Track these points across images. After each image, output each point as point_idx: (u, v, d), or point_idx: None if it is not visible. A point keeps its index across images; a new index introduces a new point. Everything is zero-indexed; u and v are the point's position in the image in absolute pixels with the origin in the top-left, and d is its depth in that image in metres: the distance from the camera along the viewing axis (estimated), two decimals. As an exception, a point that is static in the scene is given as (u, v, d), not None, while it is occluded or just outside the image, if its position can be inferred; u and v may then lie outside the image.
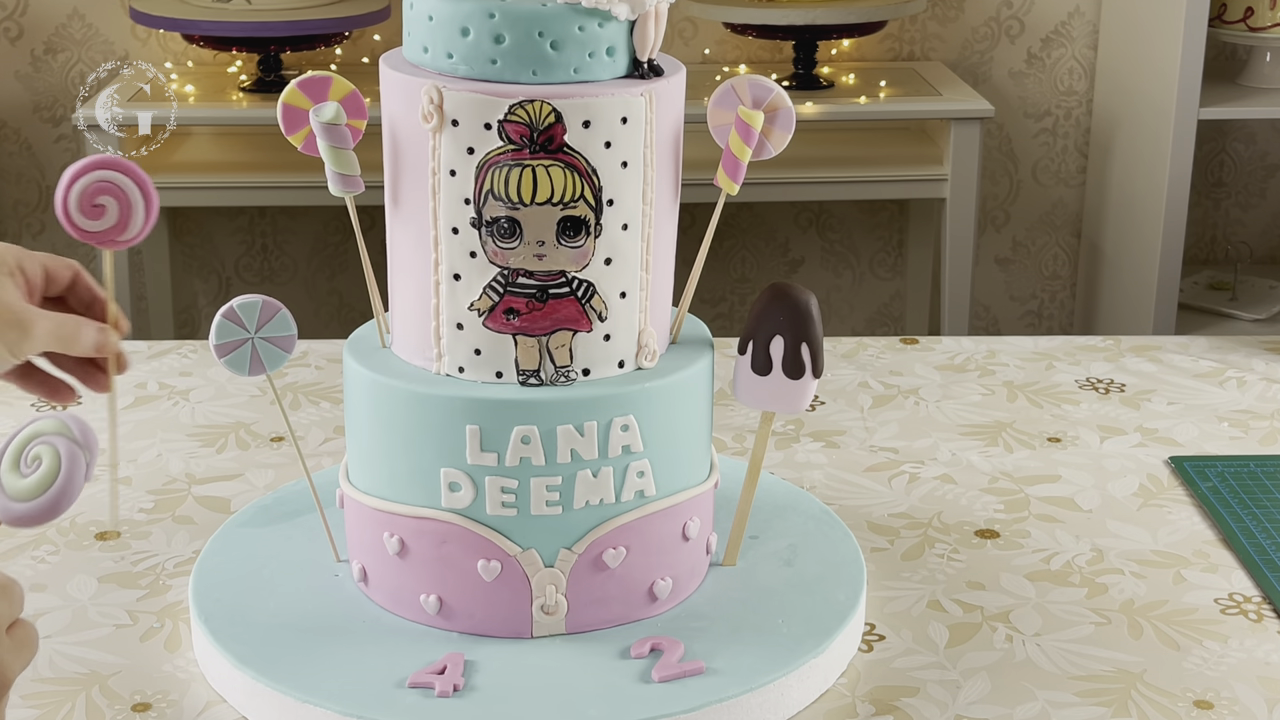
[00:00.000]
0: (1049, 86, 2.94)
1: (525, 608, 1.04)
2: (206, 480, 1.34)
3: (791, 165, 2.48)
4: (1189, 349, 1.64)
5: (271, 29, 2.53)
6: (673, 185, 1.05)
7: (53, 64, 2.83)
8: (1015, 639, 1.10)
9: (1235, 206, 3.06)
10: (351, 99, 1.04)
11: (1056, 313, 3.10)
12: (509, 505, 1.01)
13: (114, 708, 1.02)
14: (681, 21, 2.85)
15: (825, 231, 3.01)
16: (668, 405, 1.04)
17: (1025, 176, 3.00)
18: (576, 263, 1.00)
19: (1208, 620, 1.13)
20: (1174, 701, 1.03)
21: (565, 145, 0.97)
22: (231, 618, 1.05)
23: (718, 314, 3.04)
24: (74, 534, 1.24)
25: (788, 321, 1.05)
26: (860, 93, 2.65)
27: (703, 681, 0.99)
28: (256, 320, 1.05)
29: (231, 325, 1.04)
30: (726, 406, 1.47)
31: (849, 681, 1.05)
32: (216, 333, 1.04)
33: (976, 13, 2.90)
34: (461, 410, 1.00)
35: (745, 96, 1.04)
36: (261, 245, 2.98)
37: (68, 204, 0.93)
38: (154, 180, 0.98)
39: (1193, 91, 2.53)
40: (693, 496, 1.07)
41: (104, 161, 0.93)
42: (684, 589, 1.09)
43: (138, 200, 0.95)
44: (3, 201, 2.90)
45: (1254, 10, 2.63)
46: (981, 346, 1.64)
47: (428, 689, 0.98)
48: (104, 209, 0.94)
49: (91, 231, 0.94)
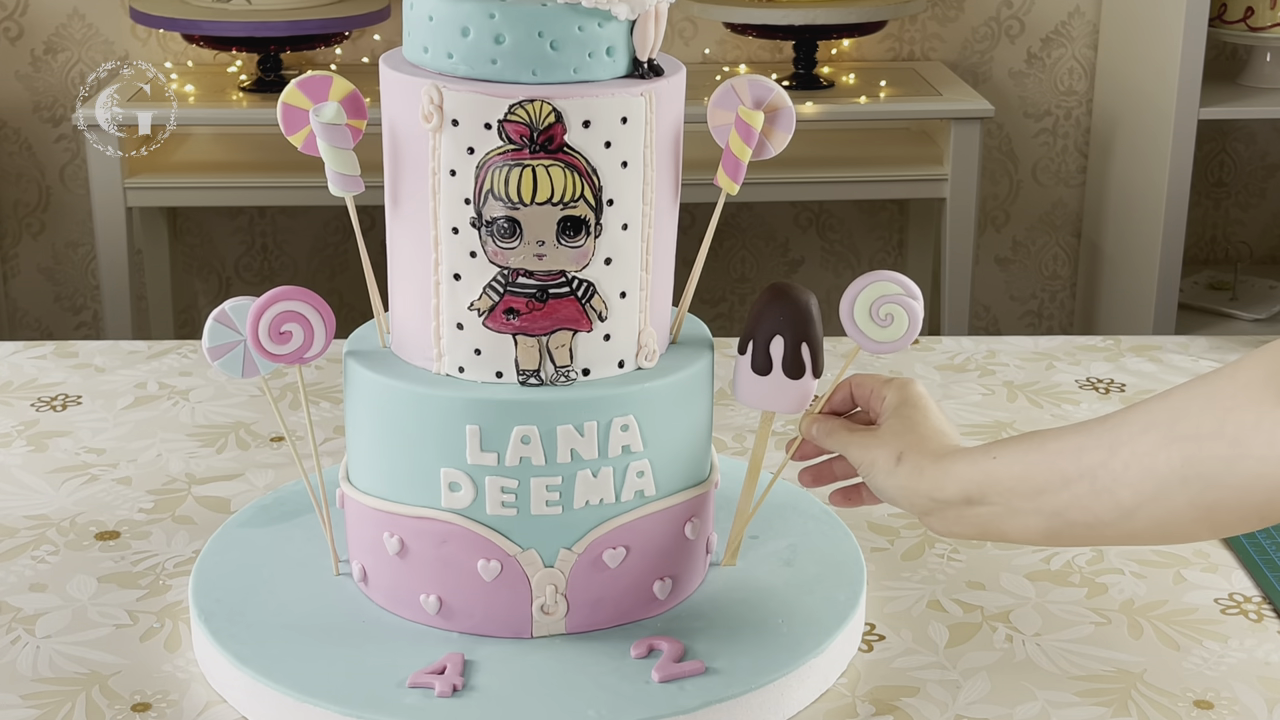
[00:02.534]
0: (1049, 86, 2.95)
1: (525, 608, 1.04)
2: (206, 480, 1.34)
3: (791, 165, 2.48)
4: (1189, 349, 1.64)
5: (271, 29, 2.53)
6: (673, 185, 1.05)
7: (53, 64, 2.83)
8: (1015, 639, 1.10)
9: (1235, 206, 3.06)
10: (351, 99, 1.04)
11: (1056, 313, 3.10)
12: (509, 505, 1.01)
13: (114, 708, 1.02)
14: (681, 21, 2.85)
15: (825, 231, 3.01)
16: (668, 405, 1.04)
17: (1025, 176, 3.00)
18: (576, 263, 1.00)
19: (1208, 620, 1.13)
20: (1174, 701, 1.03)
21: (565, 145, 0.97)
22: (231, 618, 1.05)
23: (718, 314, 3.04)
24: (74, 534, 1.24)
25: (788, 321, 1.05)
26: (860, 93, 2.65)
27: (702, 681, 0.99)
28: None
29: (224, 328, 1.05)
30: (726, 406, 1.47)
31: (849, 681, 1.05)
32: (209, 335, 1.04)
33: (976, 13, 2.90)
34: (461, 410, 1.00)
35: (745, 96, 1.04)
36: (261, 245, 2.98)
37: (258, 333, 1.03)
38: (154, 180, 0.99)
39: (1193, 91, 2.53)
40: (693, 496, 1.07)
41: (285, 294, 1.04)
42: (684, 589, 1.09)
43: (318, 323, 1.05)
44: (3, 202, 2.90)
45: (1254, 10, 2.63)
46: (981, 346, 1.64)
47: (427, 689, 0.98)
48: (290, 335, 1.04)
49: (281, 355, 1.05)
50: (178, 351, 1.61)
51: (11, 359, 1.59)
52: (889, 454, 1.01)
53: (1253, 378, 0.82)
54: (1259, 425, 0.80)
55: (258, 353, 1.05)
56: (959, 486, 0.96)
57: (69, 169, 2.89)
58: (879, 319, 1.04)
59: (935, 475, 0.98)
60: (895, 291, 1.04)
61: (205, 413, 1.47)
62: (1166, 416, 0.86)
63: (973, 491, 0.96)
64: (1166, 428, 0.85)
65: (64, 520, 1.26)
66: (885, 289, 1.04)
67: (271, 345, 1.04)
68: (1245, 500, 0.82)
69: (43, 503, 1.29)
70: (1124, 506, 0.88)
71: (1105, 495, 0.88)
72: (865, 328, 1.05)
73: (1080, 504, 0.90)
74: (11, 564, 1.19)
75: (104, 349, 1.61)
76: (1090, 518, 0.90)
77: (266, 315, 1.04)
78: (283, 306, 1.04)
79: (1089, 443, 0.89)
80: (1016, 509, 0.94)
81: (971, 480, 0.95)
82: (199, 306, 2.99)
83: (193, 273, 2.98)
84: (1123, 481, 0.87)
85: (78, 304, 2.98)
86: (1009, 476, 0.94)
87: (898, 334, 1.05)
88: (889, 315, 1.04)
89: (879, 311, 1.04)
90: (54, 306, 2.98)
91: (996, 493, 0.94)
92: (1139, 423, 0.87)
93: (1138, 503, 0.87)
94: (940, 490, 0.97)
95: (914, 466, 0.99)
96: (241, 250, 2.98)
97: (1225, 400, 0.82)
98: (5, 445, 1.40)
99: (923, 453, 1.00)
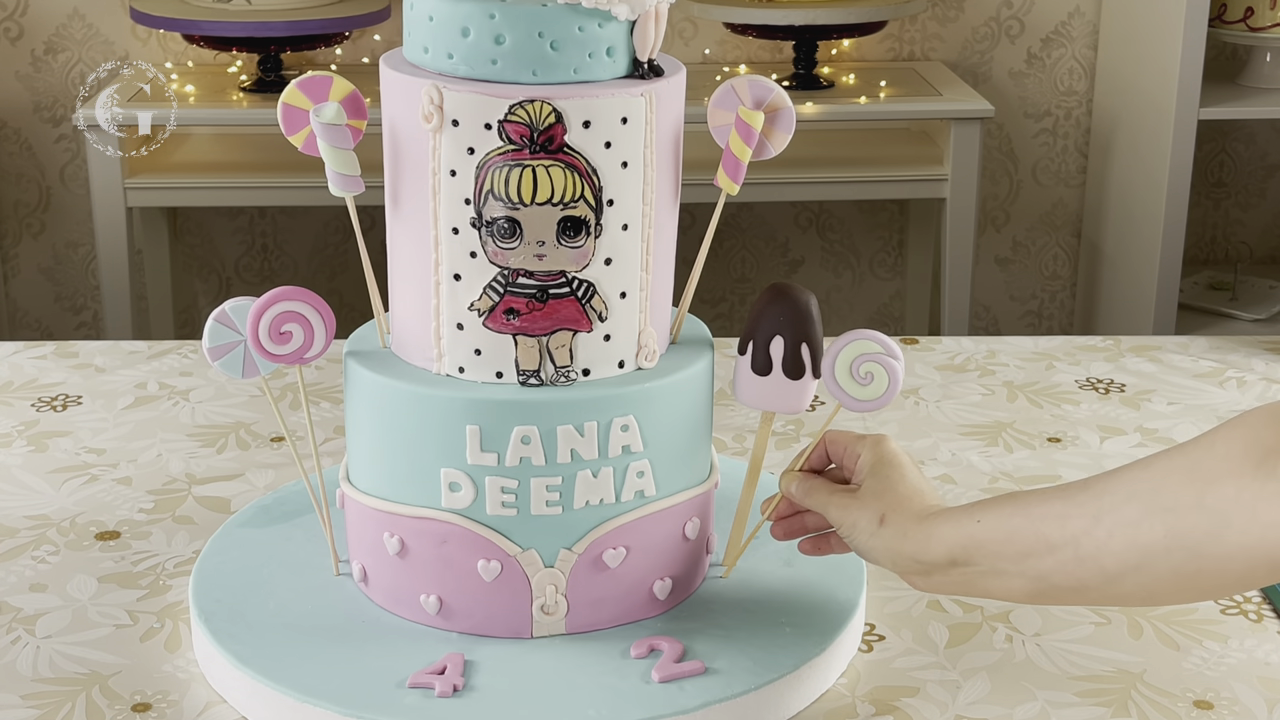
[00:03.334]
0: (1049, 86, 2.95)
1: (525, 608, 1.04)
2: (207, 480, 1.34)
3: (792, 165, 2.48)
4: (1189, 349, 1.64)
5: (272, 29, 2.53)
6: (673, 185, 1.05)
7: (53, 64, 2.83)
8: (1015, 639, 1.10)
9: (1235, 206, 3.06)
10: (352, 99, 1.04)
11: (1056, 313, 3.10)
12: (509, 505, 1.01)
13: (114, 708, 1.02)
14: (682, 22, 2.85)
15: (825, 231, 3.01)
16: (668, 405, 1.04)
17: (1025, 176, 3.00)
18: (577, 263, 1.00)
19: (1208, 620, 1.13)
20: (1174, 702, 1.03)
21: (565, 145, 0.97)
22: (231, 618, 1.05)
23: (718, 314, 3.04)
24: (74, 534, 1.24)
25: (788, 321, 1.05)
26: (860, 93, 2.65)
27: (703, 682, 0.99)
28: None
29: (224, 328, 1.05)
30: (726, 406, 1.47)
31: (849, 682, 1.05)
32: (209, 336, 1.05)
33: (976, 13, 2.90)
34: (462, 410, 1.00)
35: (745, 96, 1.04)
36: (262, 245, 2.98)
37: (258, 334, 1.04)
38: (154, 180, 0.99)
39: (1193, 91, 2.53)
40: (693, 497, 1.07)
41: (286, 294, 1.04)
42: (684, 589, 1.09)
43: (319, 323, 1.05)
44: (3, 202, 2.90)
45: (1254, 10, 2.63)
46: (981, 346, 1.64)
47: (428, 689, 0.98)
48: (290, 335, 1.05)
49: (281, 355, 1.05)
50: (178, 352, 1.61)
51: (12, 359, 1.59)
52: (870, 516, 1.01)
53: (1230, 450, 0.83)
54: (1239, 499, 0.82)
55: (258, 353, 1.05)
56: (943, 549, 0.97)
57: (69, 169, 2.89)
58: (859, 377, 1.04)
59: (919, 538, 0.98)
60: (875, 350, 1.04)
61: (205, 413, 1.47)
62: (1148, 488, 0.87)
63: (957, 554, 0.96)
64: (1149, 498, 0.86)
65: (64, 520, 1.26)
66: (865, 348, 1.04)
67: (272, 345, 1.05)
68: (1227, 569, 0.84)
69: (43, 503, 1.29)
70: (1108, 573, 0.89)
71: (1090, 562, 0.90)
72: (846, 386, 1.05)
73: (1065, 570, 0.91)
74: (12, 564, 1.19)
75: (104, 349, 1.61)
76: (1075, 582, 0.91)
77: (267, 315, 1.04)
78: (283, 307, 1.04)
79: (1072, 510, 0.91)
80: (1001, 570, 0.95)
81: (955, 543, 0.96)
82: (199, 307, 2.99)
83: (193, 273, 2.98)
84: (1107, 550, 0.88)
85: (78, 304, 2.98)
86: (993, 540, 0.94)
87: (878, 393, 1.04)
88: (869, 374, 1.04)
89: (859, 370, 1.04)
90: (54, 307, 2.98)
91: (981, 555, 0.95)
92: (1121, 492, 0.88)
93: (1121, 571, 0.88)
94: (925, 553, 0.98)
95: (897, 529, 1.00)
96: (242, 250, 2.98)
97: (1204, 473, 0.84)
98: (6, 445, 1.40)
99: (905, 514, 1.00)
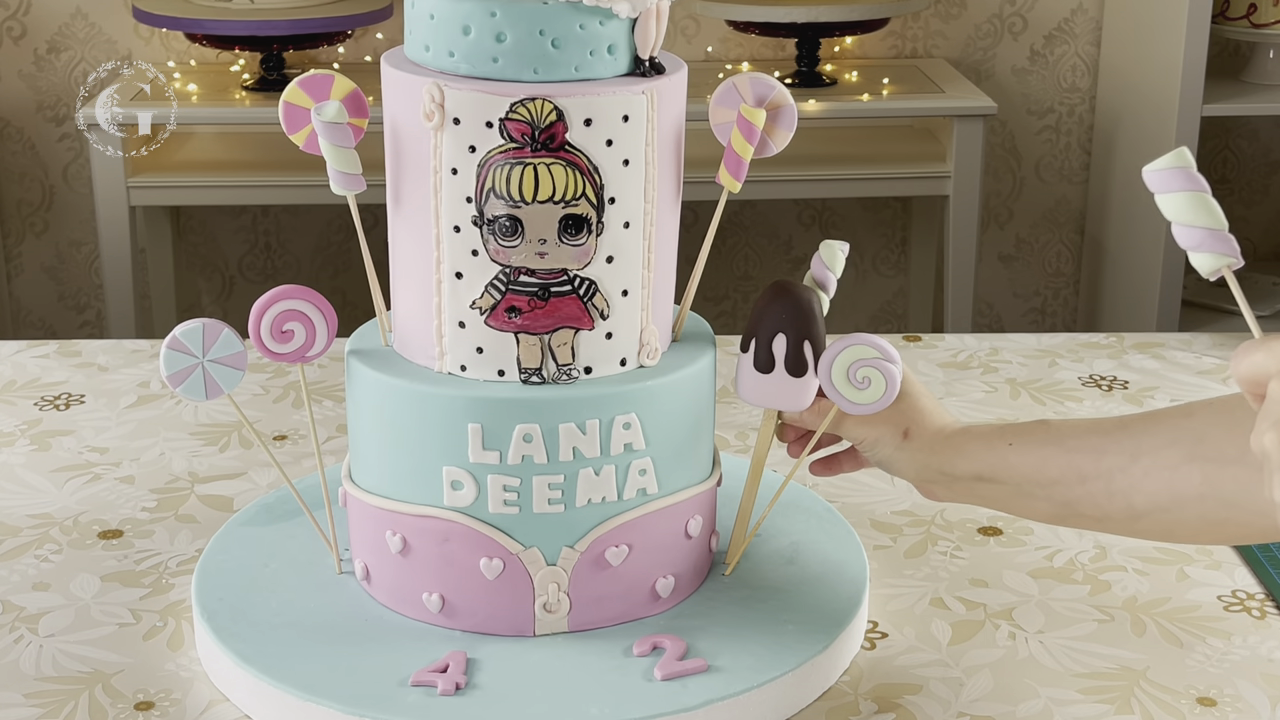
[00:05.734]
0: (1052, 83, 2.94)
1: (527, 606, 1.04)
2: (209, 479, 1.34)
3: (794, 163, 2.48)
4: (1192, 346, 1.64)
5: (274, 28, 2.53)
6: (674, 183, 1.05)
7: (56, 63, 2.83)
8: (1018, 636, 1.10)
9: (1238, 203, 3.05)
10: (353, 97, 1.04)
11: (1060, 309, 3.10)
12: (511, 504, 1.01)
13: (117, 706, 1.02)
14: (684, 19, 2.84)
15: (828, 229, 3.01)
16: (670, 403, 1.04)
17: (1028, 173, 3.00)
18: (578, 261, 1.00)
19: (1211, 617, 1.13)
20: (1177, 699, 1.03)
21: (567, 143, 0.97)
22: (234, 616, 1.06)
23: (720, 312, 3.04)
24: (77, 533, 1.24)
25: (790, 319, 1.05)
26: (863, 90, 2.65)
27: (705, 679, 0.99)
28: (202, 345, 1.04)
29: (179, 354, 1.04)
30: (729, 404, 1.47)
31: (852, 679, 1.05)
32: (165, 364, 1.04)
33: (979, 10, 2.90)
34: (464, 409, 1.00)
35: (747, 94, 1.04)
36: (264, 244, 2.98)
37: (260, 333, 1.04)
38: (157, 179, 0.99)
39: (1196, 88, 2.53)
40: (695, 494, 1.07)
41: (287, 293, 1.05)
42: (686, 587, 1.09)
43: (320, 321, 1.06)
44: (6, 201, 2.90)
45: (1257, 7, 2.63)
46: (985, 344, 1.64)
47: (430, 687, 0.98)
48: (292, 334, 1.05)
49: (283, 353, 1.06)
50: (180, 350, 1.61)
51: (15, 358, 1.59)
52: (893, 430, 1.06)
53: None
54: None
55: (260, 351, 1.05)
56: (972, 465, 1.02)
57: (72, 168, 2.89)
58: (856, 381, 1.05)
59: (948, 452, 1.04)
60: (872, 355, 1.04)
61: (208, 411, 1.47)
62: (1191, 436, 0.90)
63: (984, 471, 1.01)
64: (1190, 446, 0.90)
65: (67, 519, 1.26)
66: (862, 353, 1.04)
67: (274, 344, 1.05)
68: (1254, 522, 0.87)
69: (46, 502, 1.29)
70: (1135, 510, 0.93)
71: (1119, 497, 0.93)
72: (843, 389, 1.05)
73: (1092, 500, 0.95)
74: (15, 563, 1.19)
75: (107, 348, 1.61)
76: (1099, 513, 0.95)
77: (269, 314, 1.04)
78: (285, 305, 1.05)
79: (1110, 445, 0.94)
80: (1028, 493, 1.00)
81: (985, 462, 1.01)
82: (202, 305, 3.00)
83: (196, 271, 2.98)
84: (1139, 489, 0.92)
85: (81, 303, 2.98)
86: (1024, 464, 0.99)
87: (875, 397, 1.05)
88: (866, 378, 1.04)
89: (856, 374, 1.04)
90: (57, 305, 2.98)
91: (1009, 475, 1.00)
92: (1163, 436, 0.92)
93: (1149, 509, 0.92)
94: (953, 466, 1.04)
95: (923, 442, 1.05)
96: (244, 249, 2.98)
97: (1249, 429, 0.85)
98: (9, 444, 1.40)
99: (930, 429, 1.06)
